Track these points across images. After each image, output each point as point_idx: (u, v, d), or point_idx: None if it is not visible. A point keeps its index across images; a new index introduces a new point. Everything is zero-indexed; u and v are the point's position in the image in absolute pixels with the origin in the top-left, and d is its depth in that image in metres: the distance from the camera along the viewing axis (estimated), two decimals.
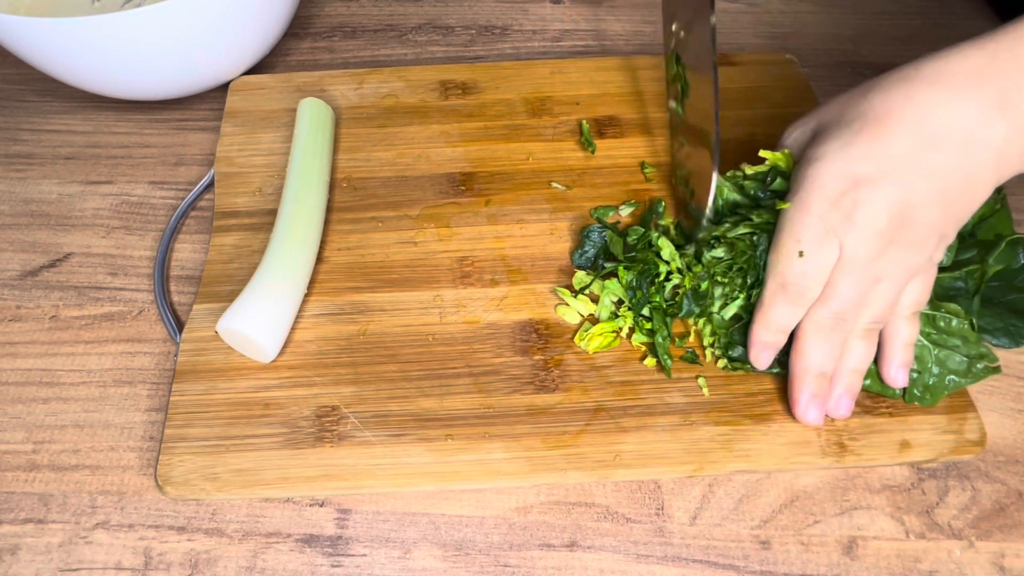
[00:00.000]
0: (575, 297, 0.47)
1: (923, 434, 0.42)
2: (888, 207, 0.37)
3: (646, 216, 0.52)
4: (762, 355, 0.42)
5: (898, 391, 0.43)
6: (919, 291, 0.40)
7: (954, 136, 0.36)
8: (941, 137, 0.36)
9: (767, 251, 0.42)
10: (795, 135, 0.44)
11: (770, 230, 0.42)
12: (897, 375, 0.42)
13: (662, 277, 0.45)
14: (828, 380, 0.41)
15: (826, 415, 0.42)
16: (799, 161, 0.41)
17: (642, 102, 0.59)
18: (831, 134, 0.39)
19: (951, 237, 0.39)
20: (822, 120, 0.41)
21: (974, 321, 0.43)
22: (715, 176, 0.45)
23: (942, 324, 0.42)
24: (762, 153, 0.44)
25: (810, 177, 0.39)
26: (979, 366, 0.42)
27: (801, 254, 0.39)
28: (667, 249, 0.46)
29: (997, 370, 0.42)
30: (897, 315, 0.41)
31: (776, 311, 0.41)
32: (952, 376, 0.43)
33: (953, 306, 0.43)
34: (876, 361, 0.42)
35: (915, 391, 0.43)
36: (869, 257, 0.38)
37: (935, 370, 0.43)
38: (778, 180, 0.43)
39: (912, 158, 0.37)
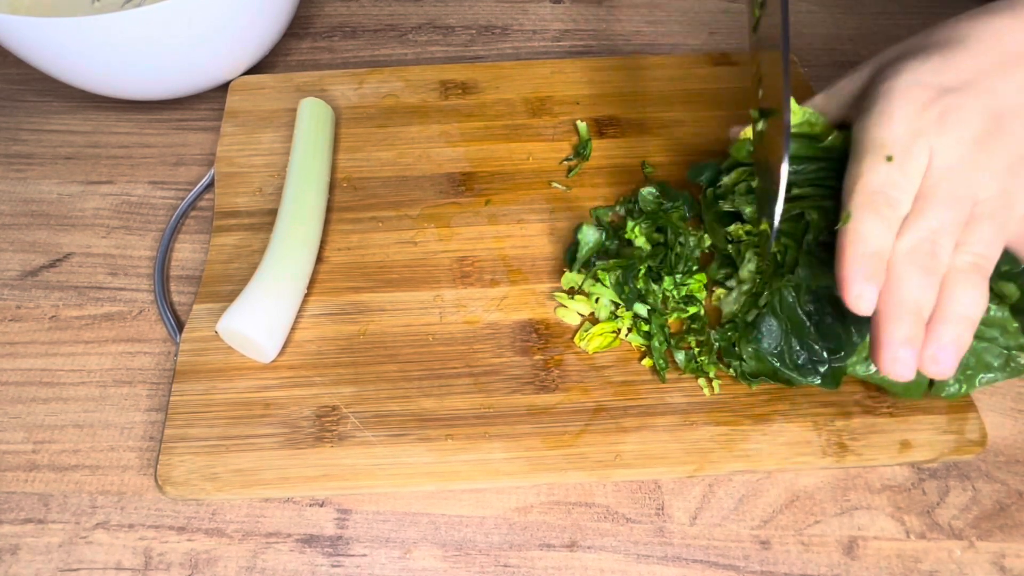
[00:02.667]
0: (572, 298, 0.48)
1: (923, 434, 0.42)
2: (980, 113, 0.35)
3: (630, 208, 0.52)
4: (863, 289, 0.34)
5: (905, 384, 0.39)
6: (1017, 231, 0.36)
7: None
8: (1023, 55, 0.35)
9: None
10: (842, 84, 0.41)
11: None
12: (940, 356, 0.35)
13: (642, 271, 0.46)
14: (924, 324, 0.35)
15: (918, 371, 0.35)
16: (871, 84, 0.38)
17: (642, 102, 0.59)
18: (905, 59, 0.37)
19: None
20: (884, 59, 0.39)
21: (1020, 306, 0.38)
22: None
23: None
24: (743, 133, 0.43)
25: (892, 89, 0.36)
26: (1020, 360, 0.39)
27: (890, 158, 0.35)
28: (640, 239, 0.47)
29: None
30: (973, 266, 0.35)
31: (867, 231, 0.35)
32: (987, 374, 0.39)
33: (1010, 287, 0.38)
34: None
35: (948, 384, 0.40)
36: (963, 166, 0.35)
37: (970, 361, 0.39)
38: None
39: (997, 72, 0.35)
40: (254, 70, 0.62)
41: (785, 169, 0.37)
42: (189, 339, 0.46)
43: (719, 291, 0.47)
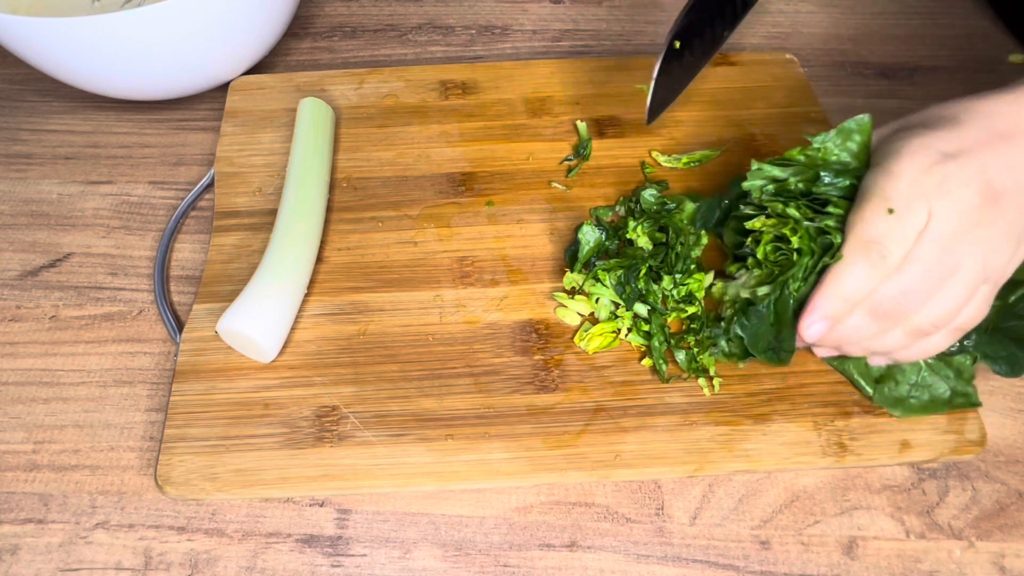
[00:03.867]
0: (572, 299, 0.48)
1: (923, 434, 0.42)
2: (978, 182, 0.37)
3: (630, 207, 0.52)
4: (816, 324, 0.38)
5: (867, 388, 0.43)
6: (979, 305, 0.39)
7: (1022, 133, 0.38)
8: (1012, 133, 0.38)
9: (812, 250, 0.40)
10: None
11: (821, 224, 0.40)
12: (880, 363, 0.42)
13: (643, 271, 0.46)
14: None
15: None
16: (883, 143, 0.40)
17: (642, 102, 0.59)
18: (917, 127, 0.40)
19: (1021, 254, 0.39)
20: (904, 123, 0.41)
21: (976, 356, 0.42)
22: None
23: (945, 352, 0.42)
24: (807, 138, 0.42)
25: (901, 149, 0.38)
26: (959, 400, 0.42)
27: (891, 211, 0.37)
28: (642, 239, 0.47)
29: (977, 404, 0.42)
30: (947, 325, 0.39)
31: (851, 275, 0.37)
32: (931, 402, 0.42)
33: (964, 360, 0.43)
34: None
35: (886, 392, 0.43)
36: (956, 232, 0.37)
37: (915, 390, 0.43)
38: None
39: (990, 147, 0.38)
40: (254, 70, 0.62)
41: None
42: (189, 339, 0.46)
43: (719, 282, 0.47)
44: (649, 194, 0.51)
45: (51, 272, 0.52)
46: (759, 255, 0.42)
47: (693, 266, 0.46)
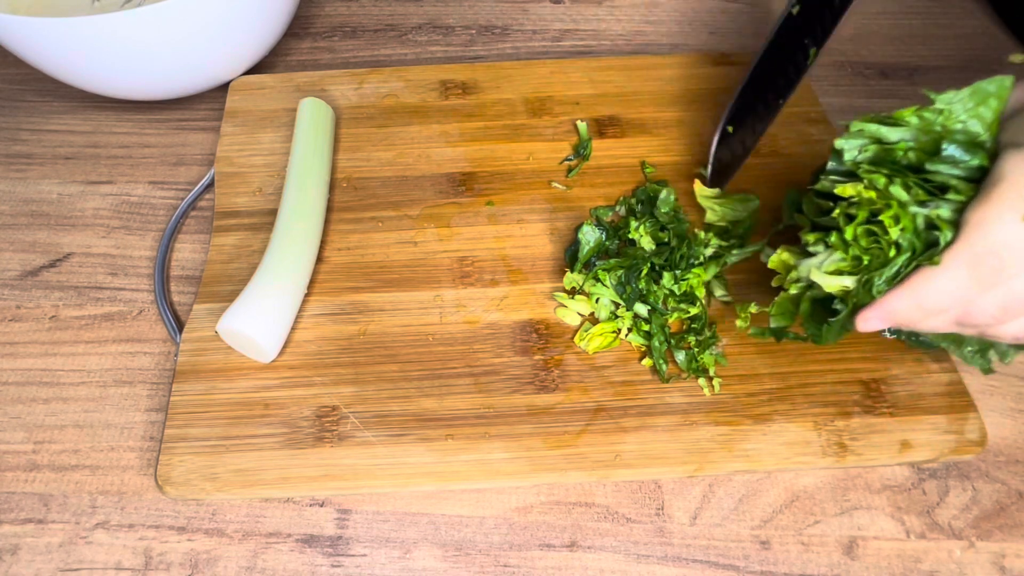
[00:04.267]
0: (572, 298, 0.48)
1: (923, 434, 0.42)
2: None
3: (631, 206, 0.52)
4: (874, 322, 0.34)
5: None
6: None
7: None
8: None
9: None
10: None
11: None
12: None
13: (644, 271, 0.46)
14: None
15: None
16: (1010, 118, 0.34)
17: (642, 102, 0.59)
18: None
19: None
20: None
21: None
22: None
23: None
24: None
25: None
26: (979, 359, 0.40)
27: None
28: (645, 239, 0.47)
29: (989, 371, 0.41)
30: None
31: (944, 285, 0.31)
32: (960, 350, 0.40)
33: None
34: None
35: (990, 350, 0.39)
36: None
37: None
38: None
39: None
40: (254, 70, 0.62)
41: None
42: (189, 339, 0.46)
43: (784, 252, 0.40)
44: (664, 202, 0.51)
45: (51, 272, 0.52)
46: (847, 235, 0.34)
47: (696, 261, 0.46)
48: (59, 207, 0.55)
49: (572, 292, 0.48)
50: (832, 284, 0.35)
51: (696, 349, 0.45)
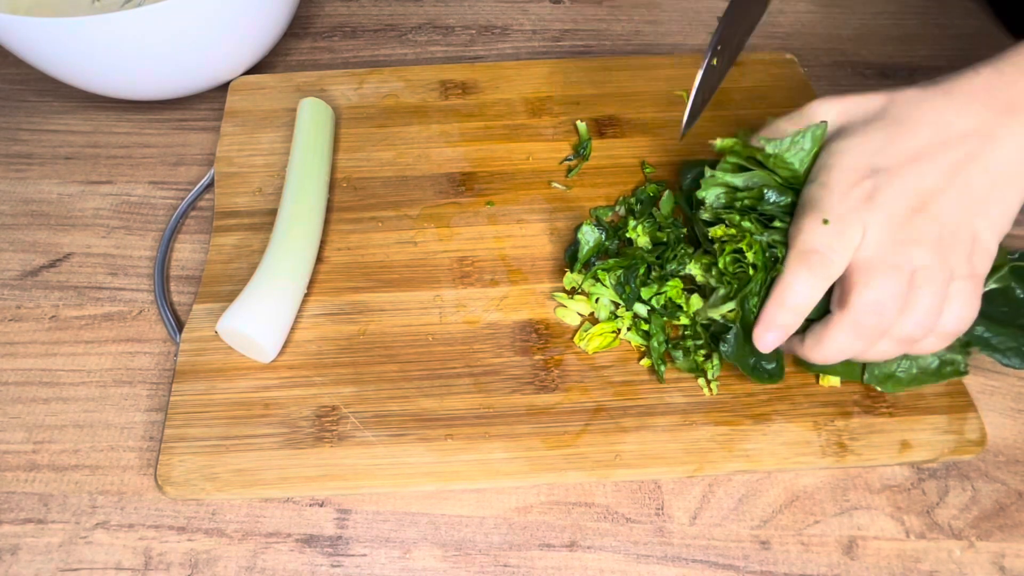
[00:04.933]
0: (572, 298, 0.48)
1: (923, 434, 0.42)
2: (904, 193, 0.38)
3: (630, 206, 0.52)
4: (768, 336, 0.40)
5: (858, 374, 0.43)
6: (964, 303, 0.38)
7: (969, 137, 0.38)
8: (956, 137, 0.38)
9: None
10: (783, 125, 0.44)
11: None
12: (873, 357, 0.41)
13: (642, 270, 0.46)
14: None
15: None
16: (821, 152, 0.41)
17: (642, 102, 0.59)
18: (854, 131, 0.40)
19: (990, 245, 0.39)
20: (849, 117, 0.42)
21: (969, 340, 0.42)
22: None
23: None
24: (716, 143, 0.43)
25: (833, 165, 0.40)
26: (947, 369, 0.42)
27: (826, 222, 0.38)
28: (643, 239, 0.47)
29: (963, 373, 0.42)
30: (935, 330, 0.39)
31: (796, 285, 0.39)
32: (920, 374, 0.43)
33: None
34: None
35: (876, 371, 0.43)
36: (894, 239, 0.37)
37: (903, 364, 0.42)
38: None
39: (928, 154, 0.38)
40: (254, 70, 0.62)
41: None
42: (189, 339, 0.46)
43: (694, 298, 0.46)
44: (666, 202, 0.51)
45: (51, 272, 0.52)
46: (720, 265, 0.43)
47: (680, 267, 0.46)
48: (59, 207, 0.55)
49: (572, 292, 0.48)
50: (723, 311, 0.43)
51: (693, 351, 0.45)
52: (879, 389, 0.43)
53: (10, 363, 0.47)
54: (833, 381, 0.44)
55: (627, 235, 0.48)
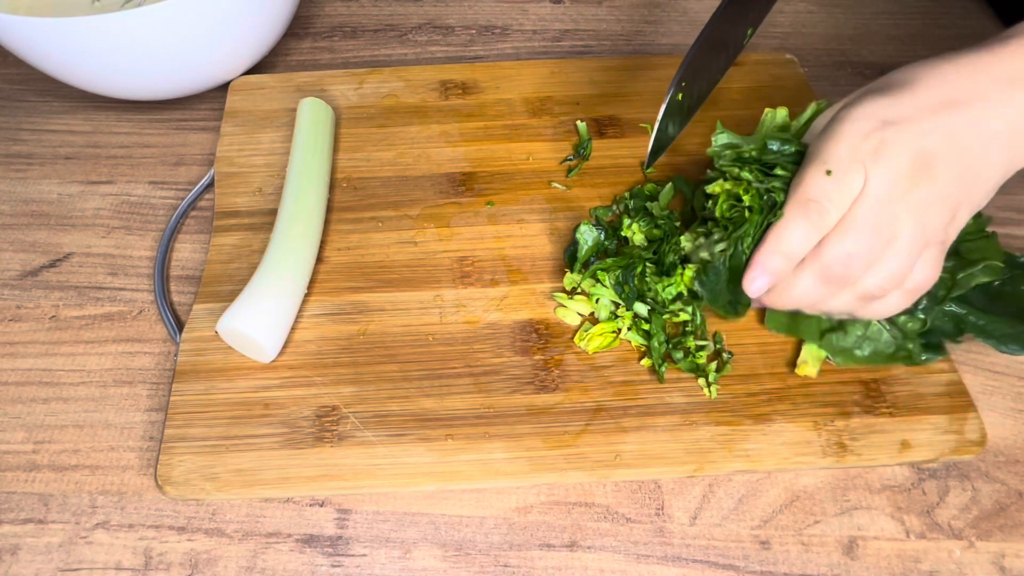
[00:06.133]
0: (572, 298, 0.48)
1: (923, 434, 0.42)
2: (911, 150, 0.38)
3: (627, 204, 0.52)
4: (759, 279, 0.40)
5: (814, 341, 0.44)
6: (928, 268, 0.40)
7: (972, 100, 0.39)
8: (960, 100, 0.39)
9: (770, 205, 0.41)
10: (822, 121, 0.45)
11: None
12: (839, 309, 0.42)
13: (639, 269, 0.46)
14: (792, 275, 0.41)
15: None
16: (835, 113, 0.42)
17: (642, 102, 0.59)
18: (864, 96, 0.41)
19: (963, 219, 0.40)
20: (865, 89, 0.43)
21: (926, 320, 0.44)
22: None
23: None
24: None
25: (841, 117, 0.40)
26: (901, 354, 0.44)
27: (829, 172, 0.39)
28: (638, 236, 0.48)
29: (916, 363, 0.44)
30: (898, 287, 0.40)
31: (791, 231, 0.39)
32: (874, 355, 0.44)
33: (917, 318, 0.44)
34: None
35: (833, 341, 0.44)
36: (890, 197, 0.38)
37: (861, 342, 0.44)
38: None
39: (934, 113, 0.39)
40: (254, 70, 0.62)
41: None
42: (189, 339, 0.46)
43: (686, 238, 0.46)
44: (665, 196, 0.52)
45: (51, 272, 0.52)
46: (716, 213, 0.43)
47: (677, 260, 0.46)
48: (59, 207, 0.55)
49: (572, 292, 0.48)
50: (715, 249, 0.43)
51: (694, 355, 0.44)
52: (834, 362, 0.45)
53: (10, 363, 0.47)
54: (809, 371, 0.45)
55: (623, 234, 0.48)
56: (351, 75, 0.61)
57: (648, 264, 0.46)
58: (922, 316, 0.44)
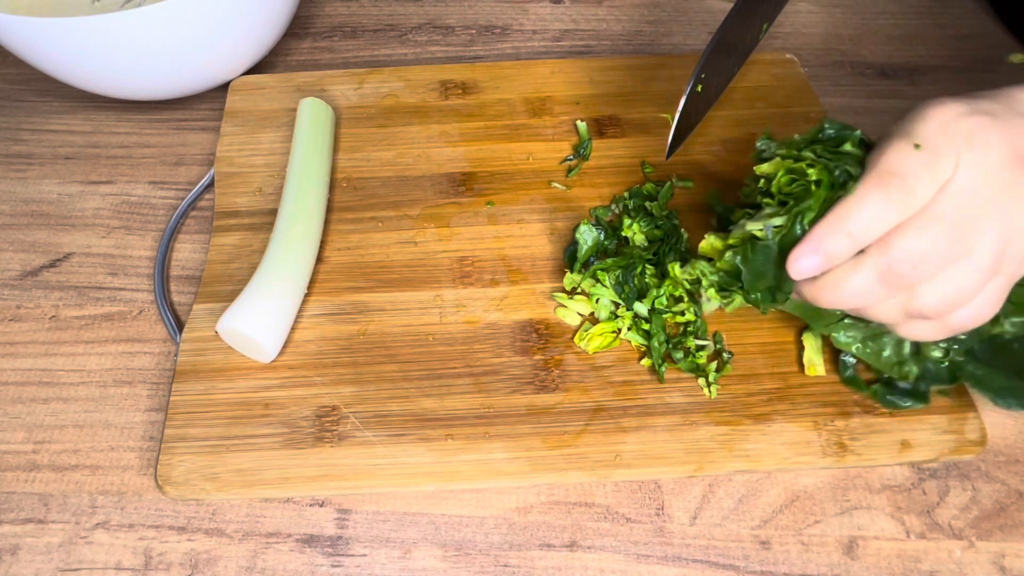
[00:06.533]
0: (572, 298, 0.48)
1: (923, 434, 0.42)
2: (1007, 141, 0.34)
3: (627, 204, 0.52)
4: (808, 258, 0.35)
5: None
6: (990, 299, 0.35)
7: None
8: None
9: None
10: None
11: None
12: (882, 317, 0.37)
13: (639, 269, 0.46)
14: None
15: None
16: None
17: (642, 102, 0.59)
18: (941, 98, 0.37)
19: None
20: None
21: (948, 353, 0.41)
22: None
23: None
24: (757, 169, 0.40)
25: (929, 103, 0.36)
26: (899, 370, 0.42)
27: (918, 147, 0.33)
28: (638, 236, 0.47)
29: (893, 407, 0.43)
30: (953, 310, 0.35)
31: (864, 207, 0.33)
32: (873, 358, 0.42)
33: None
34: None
35: (842, 339, 0.42)
36: (982, 189, 0.33)
37: (870, 345, 0.42)
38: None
39: (1019, 120, 0.35)
40: (254, 70, 0.62)
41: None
42: (189, 339, 0.46)
43: (712, 236, 0.43)
44: (664, 194, 0.51)
45: (51, 272, 0.52)
46: (772, 188, 0.38)
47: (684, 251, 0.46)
48: (59, 207, 0.55)
49: (572, 292, 0.48)
50: (772, 222, 0.38)
51: (694, 355, 0.44)
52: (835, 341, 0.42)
53: (10, 363, 0.47)
54: (818, 371, 0.44)
55: (623, 234, 0.48)
56: (351, 75, 0.61)
57: (648, 264, 0.46)
58: (946, 345, 0.41)
